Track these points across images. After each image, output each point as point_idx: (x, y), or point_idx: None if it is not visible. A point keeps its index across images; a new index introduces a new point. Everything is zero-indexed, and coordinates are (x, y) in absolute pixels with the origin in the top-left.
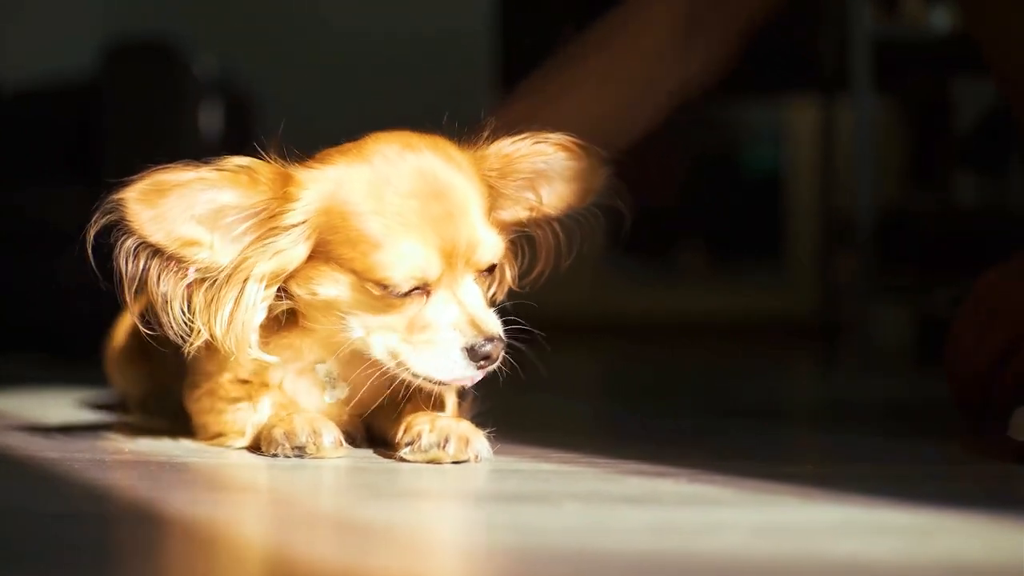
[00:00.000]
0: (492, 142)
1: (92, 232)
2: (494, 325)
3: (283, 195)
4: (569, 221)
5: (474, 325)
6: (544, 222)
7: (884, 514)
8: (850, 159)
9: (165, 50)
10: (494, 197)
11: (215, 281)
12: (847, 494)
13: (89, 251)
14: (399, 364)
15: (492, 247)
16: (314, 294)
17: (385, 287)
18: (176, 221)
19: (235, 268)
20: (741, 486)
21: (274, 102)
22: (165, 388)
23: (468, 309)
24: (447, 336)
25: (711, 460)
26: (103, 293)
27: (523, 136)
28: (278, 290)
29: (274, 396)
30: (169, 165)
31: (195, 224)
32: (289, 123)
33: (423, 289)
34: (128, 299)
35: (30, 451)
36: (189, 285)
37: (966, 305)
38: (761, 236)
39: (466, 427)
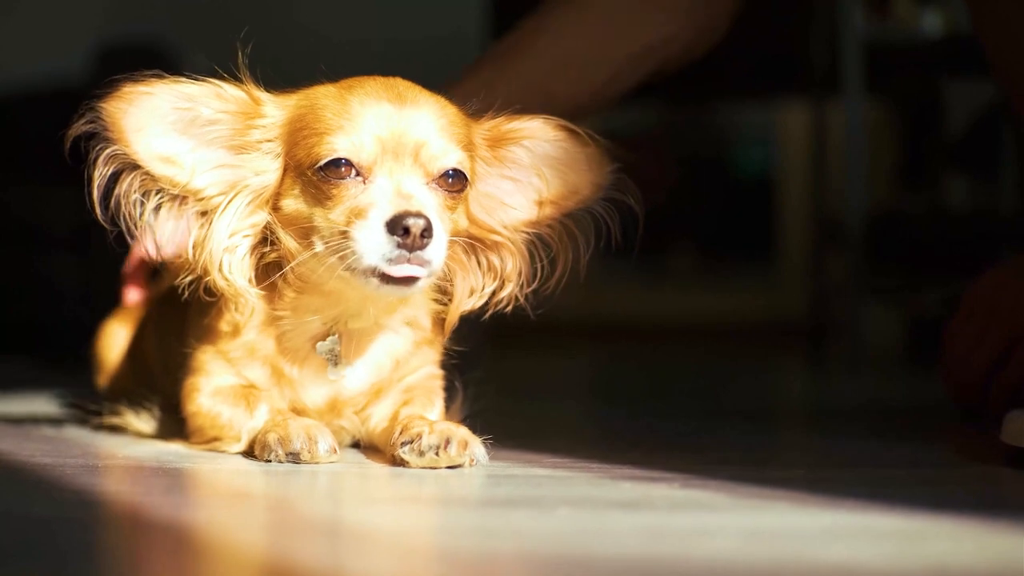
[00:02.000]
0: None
1: (70, 138)
2: (423, 207)
3: (252, 112)
4: (583, 218)
5: (399, 204)
6: (556, 220)
7: (875, 518)
8: (841, 161)
9: (156, 53)
10: (485, 162)
11: (199, 208)
12: (838, 498)
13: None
14: (340, 260)
15: (445, 151)
16: (279, 209)
17: (320, 168)
18: (152, 131)
19: (215, 190)
20: (733, 491)
21: None
22: (153, 391)
23: (402, 191)
24: (373, 214)
25: (703, 464)
26: (93, 295)
27: (523, 115)
28: (267, 242)
29: (271, 402)
30: (142, 77)
31: (170, 136)
32: None
33: (362, 177)
34: (96, 193)
35: (22, 456)
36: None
37: (961, 309)
38: (752, 238)
39: (465, 432)
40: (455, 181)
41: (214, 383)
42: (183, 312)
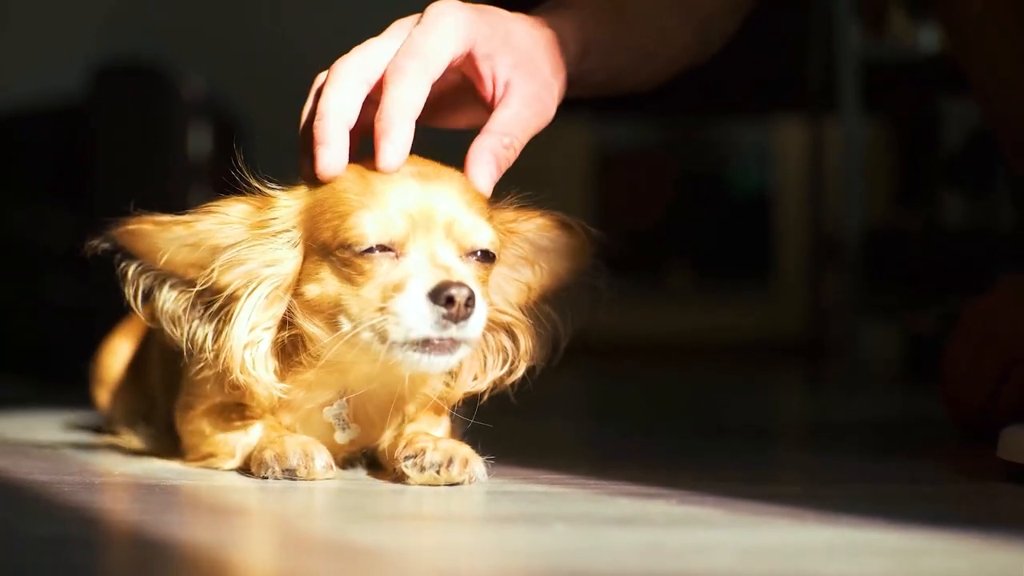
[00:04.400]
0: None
1: (88, 252)
2: (465, 277)
3: (265, 211)
4: (560, 305)
5: (439, 274)
6: (535, 306)
7: (874, 535)
8: (838, 178)
9: (153, 72)
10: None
11: (219, 302)
12: (836, 514)
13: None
14: (378, 336)
15: (477, 226)
16: (301, 295)
17: (349, 246)
18: (171, 250)
19: (238, 285)
20: (731, 507)
21: (263, 124)
22: (153, 409)
23: (438, 263)
24: (413, 285)
25: (701, 480)
26: (89, 313)
27: (532, 212)
28: (285, 324)
29: (266, 419)
30: (152, 214)
31: (188, 251)
32: (278, 145)
33: (393, 252)
34: (138, 311)
35: (19, 473)
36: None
37: (959, 329)
38: (749, 255)
39: (467, 450)
40: (484, 254)
41: (209, 400)
42: None
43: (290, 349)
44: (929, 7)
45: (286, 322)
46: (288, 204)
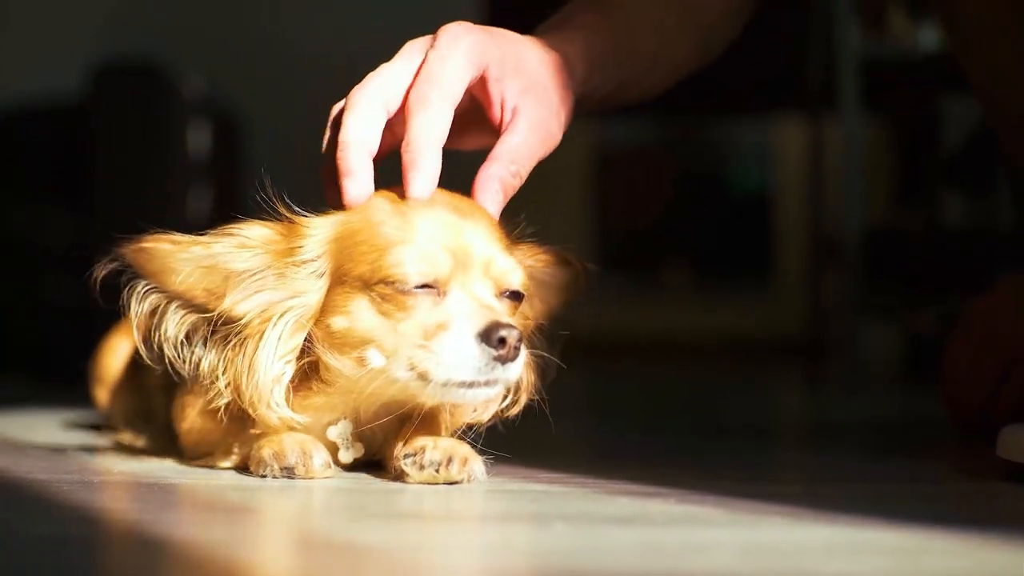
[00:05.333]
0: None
1: (97, 279)
2: (509, 319)
3: (291, 238)
4: (548, 336)
5: (487, 314)
6: (529, 337)
7: (873, 534)
8: (838, 178)
9: (153, 71)
10: None
11: (237, 333)
12: (836, 513)
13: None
14: (419, 375)
15: (512, 267)
16: (328, 327)
17: (392, 283)
18: (184, 274)
19: (256, 315)
20: (730, 506)
21: (263, 124)
22: (152, 408)
23: (483, 303)
24: (460, 326)
25: (700, 480)
26: (89, 313)
27: (537, 248)
28: (302, 352)
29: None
30: (167, 232)
31: (201, 275)
32: (278, 145)
33: (436, 289)
34: (137, 334)
35: (18, 472)
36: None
37: (958, 329)
38: (748, 255)
39: (467, 449)
40: (514, 294)
41: (207, 399)
42: None
43: (302, 375)
44: (929, 7)
45: (303, 350)
46: (316, 233)
